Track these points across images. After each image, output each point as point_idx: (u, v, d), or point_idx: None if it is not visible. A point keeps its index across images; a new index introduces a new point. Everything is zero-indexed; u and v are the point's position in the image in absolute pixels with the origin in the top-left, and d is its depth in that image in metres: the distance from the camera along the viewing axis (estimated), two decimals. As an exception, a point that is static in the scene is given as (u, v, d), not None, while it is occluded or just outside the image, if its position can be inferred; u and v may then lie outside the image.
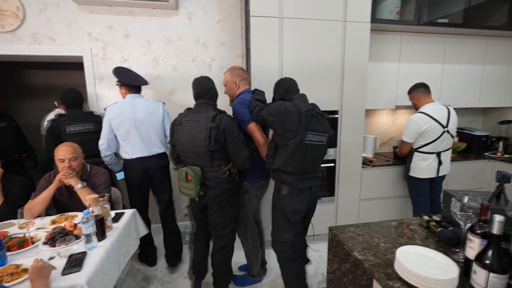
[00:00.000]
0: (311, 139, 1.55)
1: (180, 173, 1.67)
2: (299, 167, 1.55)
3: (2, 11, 2.31)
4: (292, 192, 1.58)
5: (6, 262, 1.22)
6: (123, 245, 1.57)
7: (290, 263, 1.68)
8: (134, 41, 2.55)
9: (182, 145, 1.68)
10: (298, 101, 1.58)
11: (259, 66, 2.23)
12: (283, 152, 1.55)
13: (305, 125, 1.50)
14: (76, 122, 2.23)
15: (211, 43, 2.68)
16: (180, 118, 1.71)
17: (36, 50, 2.40)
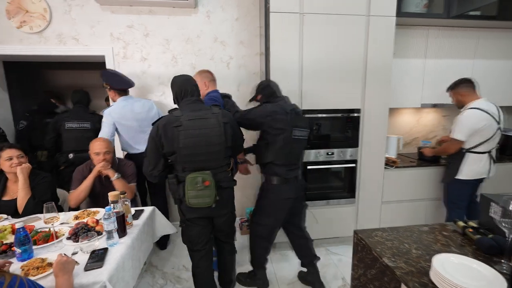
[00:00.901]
0: (296, 134, 1.76)
1: (190, 182, 1.43)
2: (287, 159, 1.77)
3: (30, 13, 2.40)
4: (282, 181, 1.78)
5: (32, 256, 1.25)
6: (143, 242, 1.58)
7: (262, 241, 1.90)
8: (153, 40, 2.57)
9: (189, 149, 1.44)
10: (282, 102, 1.80)
11: (278, 64, 2.18)
12: (272, 147, 1.74)
13: (291, 122, 1.72)
14: (75, 120, 2.51)
15: (229, 41, 2.66)
16: (175, 119, 1.45)
17: (62, 50, 2.47)
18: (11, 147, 1.84)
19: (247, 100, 2.74)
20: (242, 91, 2.75)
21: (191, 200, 1.45)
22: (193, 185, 1.43)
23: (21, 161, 1.84)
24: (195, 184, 1.43)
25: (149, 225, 1.73)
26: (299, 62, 2.19)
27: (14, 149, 1.85)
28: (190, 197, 1.44)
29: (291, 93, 2.21)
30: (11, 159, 1.80)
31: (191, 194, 1.44)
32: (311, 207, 2.40)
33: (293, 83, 2.21)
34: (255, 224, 1.90)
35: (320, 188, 2.44)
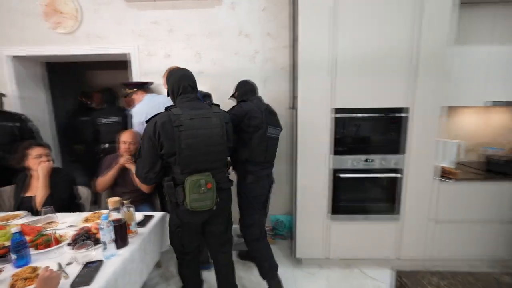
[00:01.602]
0: (271, 132, 1.81)
1: (192, 185, 1.33)
2: (263, 157, 1.81)
3: (63, 14, 2.47)
4: (255, 180, 1.82)
5: (29, 262, 1.19)
6: (147, 253, 1.45)
7: (257, 242, 1.88)
8: (176, 36, 2.47)
9: (190, 150, 1.35)
10: (257, 101, 1.85)
11: (307, 57, 1.90)
12: (247, 146, 1.76)
13: (266, 120, 1.77)
14: (106, 115, 2.84)
15: (255, 33, 2.44)
16: (175, 118, 1.34)
17: (90, 49, 2.51)
18: (39, 145, 1.88)
19: (274, 99, 2.51)
20: (268, 88, 2.51)
21: (193, 204, 1.37)
22: (196, 189, 1.35)
23: (48, 159, 1.87)
24: (198, 187, 1.35)
25: (157, 234, 1.60)
26: (331, 54, 1.88)
27: (43, 147, 1.88)
28: (191, 200, 1.36)
29: (321, 91, 1.92)
30: (40, 157, 1.83)
31: (193, 198, 1.36)
32: (343, 220, 2.08)
33: (324, 78, 1.91)
34: (244, 227, 1.91)
35: (356, 200, 2.09)
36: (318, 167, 2.02)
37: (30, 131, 2.45)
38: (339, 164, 2.01)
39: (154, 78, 2.52)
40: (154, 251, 1.54)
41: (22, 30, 2.52)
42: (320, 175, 2.03)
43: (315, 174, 2.03)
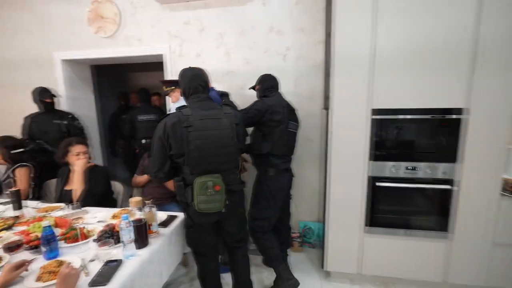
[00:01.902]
0: (291, 127, 1.88)
1: (200, 186, 1.33)
2: (284, 150, 1.87)
3: (104, 19, 2.62)
4: (278, 172, 1.86)
5: (58, 255, 1.23)
6: (168, 255, 1.43)
7: (263, 234, 1.90)
8: (207, 35, 2.46)
9: (199, 151, 1.34)
10: (278, 97, 1.91)
11: (343, 52, 1.73)
12: (269, 139, 1.81)
13: (287, 115, 1.84)
14: (144, 113, 3.13)
15: (286, 29, 2.32)
16: (185, 119, 1.33)
17: (127, 52, 2.62)
18: (79, 143, 1.99)
19: (306, 98, 2.37)
20: (300, 87, 2.38)
21: (201, 206, 1.36)
22: (203, 190, 1.34)
23: (86, 157, 1.99)
24: (205, 189, 1.34)
25: (180, 235, 1.58)
26: (371, 48, 1.68)
27: (82, 145, 1.99)
28: (199, 202, 1.35)
29: (358, 89, 1.74)
30: (79, 154, 1.94)
31: (201, 199, 1.35)
32: (380, 234, 1.87)
33: (362, 76, 1.72)
34: (255, 220, 1.90)
35: (396, 213, 1.86)
36: (353, 173, 1.84)
37: (76, 129, 2.65)
38: (377, 171, 1.80)
39: (185, 78, 2.56)
40: (175, 253, 1.52)
41: (71, 36, 2.74)
42: (355, 182, 1.84)
43: (350, 181, 1.85)
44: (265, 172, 1.88)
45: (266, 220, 1.89)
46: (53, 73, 2.86)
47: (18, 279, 1.07)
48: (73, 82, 2.98)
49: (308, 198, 2.53)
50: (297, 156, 2.46)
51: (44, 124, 2.53)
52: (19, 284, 1.05)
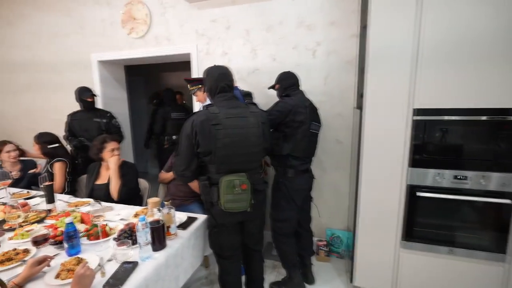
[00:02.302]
0: (313, 128, 1.81)
1: (226, 185, 1.32)
2: (306, 152, 1.82)
3: (136, 20, 2.69)
4: (296, 173, 1.81)
5: (79, 252, 1.25)
6: (185, 258, 1.39)
7: (288, 238, 1.88)
8: (234, 32, 2.40)
9: (227, 149, 1.34)
10: (300, 96, 1.85)
11: (380, 45, 1.54)
12: (291, 140, 1.75)
13: (309, 115, 1.77)
14: (175, 111, 3.47)
15: (317, 23, 2.17)
16: (213, 117, 1.33)
17: (156, 52, 2.67)
18: (113, 140, 2.05)
19: (337, 97, 2.21)
20: (330, 84, 2.22)
21: (227, 205, 1.35)
22: (230, 189, 1.34)
23: (119, 153, 2.04)
24: (232, 188, 1.34)
25: (199, 238, 1.54)
26: (413, 40, 1.48)
27: (115, 142, 2.05)
28: (226, 201, 1.35)
29: (397, 87, 1.54)
30: (113, 150, 2.00)
31: (228, 198, 1.34)
32: (419, 250, 1.65)
33: (402, 71, 1.52)
34: (276, 222, 1.89)
35: (439, 227, 1.64)
36: (389, 180, 1.65)
37: (114, 127, 2.75)
38: (418, 179, 1.59)
39: (211, 76, 2.54)
40: (194, 256, 1.48)
41: (107, 38, 2.86)
42: (391, 190, 1.65)
43: (384, 189, 1.66)
44: (284, 173, 1.83)
45: (288, 222, 1.86)
46: (90, 73, 3.02)
47: (40, 274, 1.09)
48: (108, 82, 3.12)
49: (336, 204, 2.36)
50: (325, 159, 2.31)
51: (85, 122, 2.65)
52: (40, 279, 1.07)
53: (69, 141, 2.71)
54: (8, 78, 3.44)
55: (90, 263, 1.15)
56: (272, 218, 1.93)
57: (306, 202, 2.02)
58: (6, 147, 2.36)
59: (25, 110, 3.48)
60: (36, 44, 3.19)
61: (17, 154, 2.40)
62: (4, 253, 1.21)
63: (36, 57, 3.23)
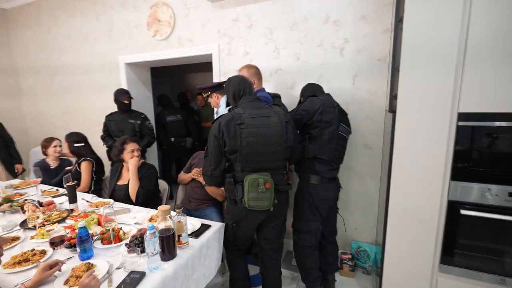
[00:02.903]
0: (342, 130, 1.68)
1: (251, 183, 1.37)
2: (332, 155, 1.67)
3: (161, 22, 2.71)
4: (322, 181, 1.67)
5: (91, 256, 1.24)
6: (196, 269, 1.32)
7: (311, 251, 1.74)
8: (256, 31, 2.31)
9: (250, 148, 1.38)
10: (328, 97, 1.73)
11: (418, 42, 1.35)
12: (317, 141, 1.65)
13: (338, 116, 1.66)
14: (171, 114, 3.56)
15: (346, 18, 2.00)
16: (238, 117, 1.39)
17: (178, 53, 2.67)
18: (132, 141, 2.07)
19: (367, 99, 2.02)
20: (359, 85, 2.03)
21: (251, 202, 1.40)
22: (254, 187, 1.38)
23: (138, 155, 2.06)
24: (256, 186, 1.37)
25: (212, 247, 1.46)
26: (461, 35, 1.27)
27: (135, 143, 2.07)
28: (250, 199, 1.39)
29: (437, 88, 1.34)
30: (133, 152, 2.02)
31: (252, 196, 1.39)
32: (461, 276, 1.43)
33: (444, 70, 1.32)
34: (298, 233, 1.77)
35: (487, 251, 1.40)
36: (426, 194, 1.44)
37: (147, 129, 2.80)
38: (462, 194, 1.37)
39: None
40: (207, 267, 1.41)
41: (133, 40, 2.93)
42: (428, 205, 1.44)
43: (420, 203, 1.46)
44: (308, 179, 1.71)
45: (311, 234, 1.74)
46: (117, 75, 3.11)
47: (52, 278, 1.09)
48: (134, 83, 3.20)
49: (364, 215, 2.17)
50: (352, 165, 2.13)
51: (121, 123, 2.72)
52: (50, 283, 1.06)
53: (105, 141, 2.81)
54: (49, 80, 3.68)
55: (99, 270, 1.13)
56: (294, 228, 1.82)
57: (331, 213, 1.88)
58: (54, 142, 2.51)
59: (62, 110, 3.71)
60: (71, 48, 3.37)
61: (61, 150, 2.54)
62: (22, 253, 1.23)
63: (71, 60, 3.42)
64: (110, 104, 3.23)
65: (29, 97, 3.99)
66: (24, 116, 4.09)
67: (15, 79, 3.96)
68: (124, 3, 2.88)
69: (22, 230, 1.50)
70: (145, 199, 2.02)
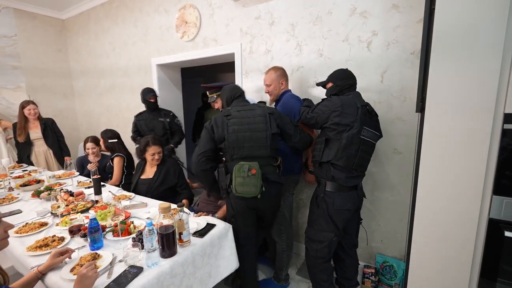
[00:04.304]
0: (366, 134, 1.51)
1: (237, 169, 1.51)
2: (350, 162, 1.51)
3: (188, 24, 2.79)
4: (339, 189, 1.55)
5: (101, 247, 1.31)
6: (199, 268, 1.31)
7: (323, 263, 1.65)
8: (278, 28, 2.23)
9: (237, 134, 1.56)
10: (352, 96, 1.55)
11: (452, 28, 1.15)
12: (334, 145, 1.53)
13: (361, 118, 1.48)
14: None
15: (374, 9, 1.82)
16: (226, 111, 1.62)
17: (203, 53, 2.72)
18: (155, 144, 2.13)
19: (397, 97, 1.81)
20: (388, 82, 1.83)
21: (238, 188, 1.52)
22: (240, 172, 1.50)
23: (159, 157, 2.14)
24: (242, 172, 1.50)
25: (217, 246, 1.44)
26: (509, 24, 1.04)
27: (158, 146, 2.13)
28: (237, 184, 1.51)
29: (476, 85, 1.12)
30: (154, 154, 2.11)
31: (238, 181, 1.51)
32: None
33: (483, 63, 1.10)
34: (310, 241, 1.67)
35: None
36: (459, 209, 1.22)
37: (177, 126, 2.89)
38: (506, 212, 1.13)
39: (254, 75, 2.43)
40: (213, 266, 1.39)
41: (164, 42, 3.07)
42: (462, 223, 1.22)
43: (452, 220, 1.24)
44: (324, 185, 1.58)
45: (324, 245, 1.60)
46: (150, 76, 3.30)
47: (63, 264, 1.17)
48: (165, 83, 3.36)
49: (392, 227, 1.95)
50: (378, 171, 1.94)
51: (151, 122, 2.79)
52: (60, 269, 1.14)
53: (137, 141, 2.98)
54: (96, 82, 4.08)
55: (103, 261, 1.18)
56: (306, 235, 1.72)
57: (352, 225, 1.72)
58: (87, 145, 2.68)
59: (105, 109, 4.07)
60: (113, 52, 3.68)
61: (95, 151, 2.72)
62: (44, 239, 1.35)
63: (113, 64, 3.73)
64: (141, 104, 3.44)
65: (80, 98, 4.46)
66: (76, 114, 4.59)
67: (70, 82, 4.47)
68: (158, 8, 3.04)
69: (52, 217, 1.66)
70: (167, 195, 2.12)
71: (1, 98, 3.77)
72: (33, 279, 1.09)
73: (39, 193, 1.99)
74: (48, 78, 4.19)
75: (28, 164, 3.05)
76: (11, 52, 3.80)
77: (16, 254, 1.30)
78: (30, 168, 2.88)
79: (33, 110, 3.02)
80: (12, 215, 1.72)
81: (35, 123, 3.10)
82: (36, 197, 2.00)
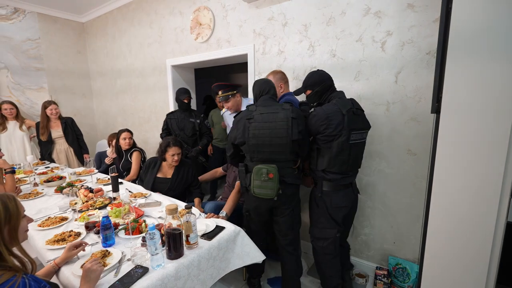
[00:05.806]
0: (355, 138, 1.54)
1: (256, 172, 1.55)
2: (343, 168, 1.57)
3: (202, 25, 2.83)
4: (335, 188, 1.61)
5: (113, 244, 1.34)
6: (204, 270, 1.31)
7: (331, 259, 1.68)
8: (291, 29, 2.23)
9: (256, 139, 1.56)
10: (338, 100, 1.55)
11: (470, 23, 1.11)
12: (326, 153, 1.56)
13: (348, 125, 1.49)
14: None
15: (389, 8, 1.78)
16: (249, 113, 1.60)
17: (218, 54, 2.74)
18: (175, 145, 2.17)
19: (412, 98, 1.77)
20: (403, 82, 1.79)
21: (256, 190, 1.57)
22: (258, 176, 1.54)
23: (179, 158, 2.19)
24: (260, 175, 1.53)
25: (223, 250, 1.43)
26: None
27: (178, 147, 2.19)
28: (255, 186, 1.57)
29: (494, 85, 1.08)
30: (174, 155, 2.16)
31: (256, 184, 1.56)
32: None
33: (502, 60, 1.06)
34: (316, 240, 1.71)
35: None
36: (475, 212, 1.18)
37: (205, 128, 2.92)
38: (525, 219, 1.09)
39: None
40: (216, 268, 1.39)
41: (178, 44, 3.13)
42: (478, 227, 1.18)
43: (468, 223, 1.21)
44: (320, 185, 1.64)
45: (330, 241, 1.67)
46: (165, 77, 3.37)
47: (76, 258, 1.22)
48: (179, 84, 3.41)
49: (405, 229, 1.91)
50: (392, 172, 1.91)
51: (182, 121, 2.82)
52: (73, 263, 1.19)
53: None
54: (113, 83, 4.21)
55: (112, 258, 1.22)
56: (312, 235, 1.75)
57: (347, 221, 1.79)
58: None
59: (121, 109, 4.20)
60: (129, 54, 3.79)
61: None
62: (62, 233, 1.42)
63: (130, 65, 3.84)
64: (157, 103, 3.53)
65: (98, 97, 4.63)
66: (94, 114, 4.76)
67: (88, 82, 4.64)
68: (173, 10, 3.10)
69: (73, 212, 1.74)
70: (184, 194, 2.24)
71: (26, 98, 3.96)
72: (51, 272, 1.15)
73: (62, 189, 2.10)
74: (68, 79, 4.37)
75: (50, 161, 3.20)
76: (35, 54, 3.99)
77: (37, 246, 1.37)
78: (52, 165, 3.02)
79: (55, 110, 3.16)
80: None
81: (57, 122, 3.25)
82: (59, 192, 2.10)
